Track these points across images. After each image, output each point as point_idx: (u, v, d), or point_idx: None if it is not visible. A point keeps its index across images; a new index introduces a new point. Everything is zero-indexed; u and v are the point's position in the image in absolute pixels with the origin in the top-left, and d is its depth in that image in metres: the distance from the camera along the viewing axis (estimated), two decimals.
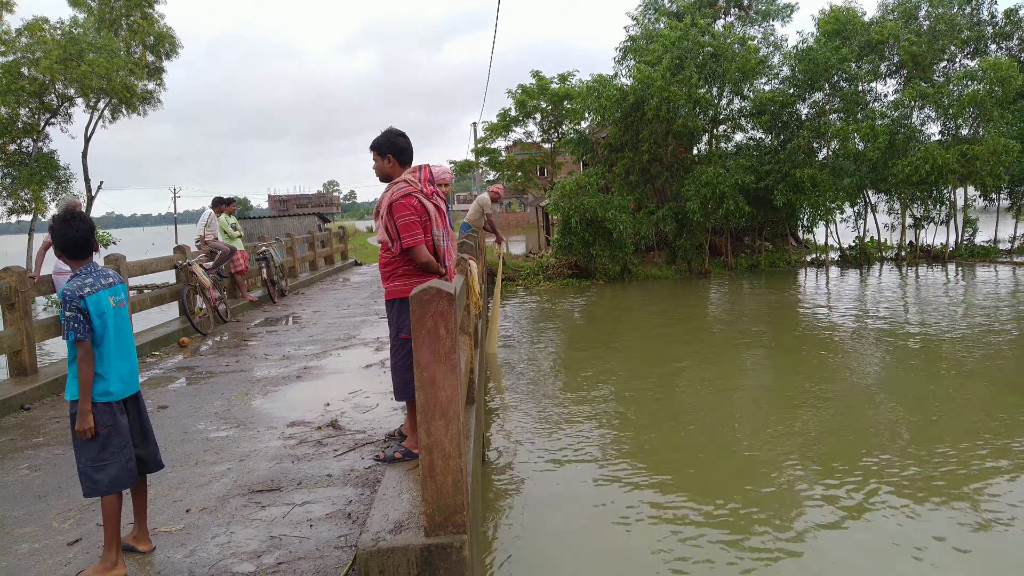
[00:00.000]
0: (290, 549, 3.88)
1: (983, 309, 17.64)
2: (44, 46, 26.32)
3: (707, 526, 6.69)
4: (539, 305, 21.56)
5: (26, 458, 5.63)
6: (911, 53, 26.29)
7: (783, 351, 14.43)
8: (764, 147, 28.17)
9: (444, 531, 3.47)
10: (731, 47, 25.89)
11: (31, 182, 26.87)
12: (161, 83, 31.48)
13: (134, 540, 3.91)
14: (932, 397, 10.56)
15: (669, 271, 26.55)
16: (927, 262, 28.05)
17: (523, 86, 33.23)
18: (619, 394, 11.42)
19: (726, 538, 6.43)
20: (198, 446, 5.75)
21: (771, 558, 6.12)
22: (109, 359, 3.71)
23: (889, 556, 6.10)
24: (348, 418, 6.31)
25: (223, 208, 13.41)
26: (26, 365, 7.91)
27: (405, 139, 4.79)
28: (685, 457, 8.67)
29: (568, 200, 25.00)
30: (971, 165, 24.86)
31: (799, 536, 6.48)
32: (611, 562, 6.20)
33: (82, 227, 3.75)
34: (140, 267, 10.90)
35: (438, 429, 3.41)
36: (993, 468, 7.79)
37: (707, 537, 6.48)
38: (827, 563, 6.05)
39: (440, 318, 3.36)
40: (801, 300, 21.14)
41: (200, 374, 8.51)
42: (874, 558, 6.08)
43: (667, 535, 6.56)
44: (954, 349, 13.47)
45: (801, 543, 6.37)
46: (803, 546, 6.32)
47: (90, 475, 3.67)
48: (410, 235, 4.52)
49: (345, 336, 10.66)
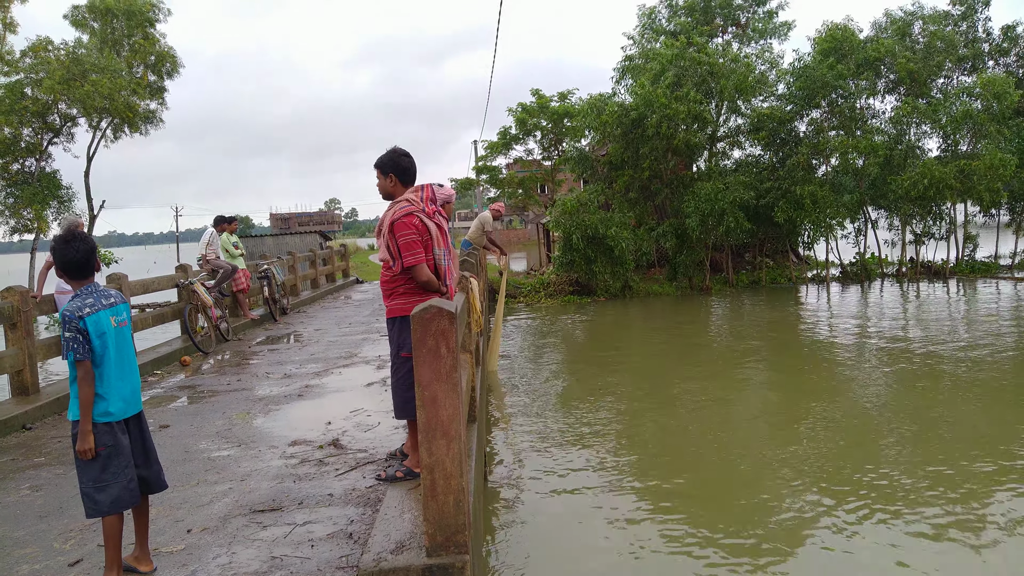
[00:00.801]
0: (291, 570, 3.86)
1: (985, 325, 17.63)
2: (47, 66, 26.53)
3: (712, 546, 6.66)
4: (540, 322, 21.56)
5: (27, 478, 5.62)
6: (908, 70, 26.45)
7: (785, 369, 14.41)
8: (763, 164, 28.28)
9: (446, 551, 3.45)
10: (726, 65, 26.07)
11: (33, 201, 26.99)
12: (163, 102, 31.68)
13: (135, 561, 3.89)
14: (934, 414, 10.54)
15: (670, 288, 26.56)
16: (928, 278, 28.06)
17: (523, 104, 33.42)
18: (621, 412, 11.40)
19: (733, 560, 6.39)
20: (199, 466, 5.74)
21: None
22: (110, 379, 3.71)
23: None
24: (349, 437, 6.30)
25: (225, 227, 13.45)
26: (28, 384, 7.91)
27: (409, 159, 4.82)
28: (689, 475, 8.64)
29: (569, 217, 25.07)
30: (969, 181, 24.94)
31: (805, 555, 6.45)
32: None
33: (83, 247, 3.76)
34: (142, 286, 10.92)
35: (439, 448, 3.41)
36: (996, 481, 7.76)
37: (712, 557, 6.45)
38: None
39: (441, 337, 3.37)
40: (803, 317, 21.12)
41: (202, 393, 8.50)
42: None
43: (671, 555, 6.53)
44: (956, 366, 13.44)
45: (807, 562, 6.34)
46: (809, 564, 6.29)
47: (92, 495, 3.66)
48: (411, 254, 4.54)
49: (346, 354, 10.66)
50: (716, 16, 29.21)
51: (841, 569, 6.21)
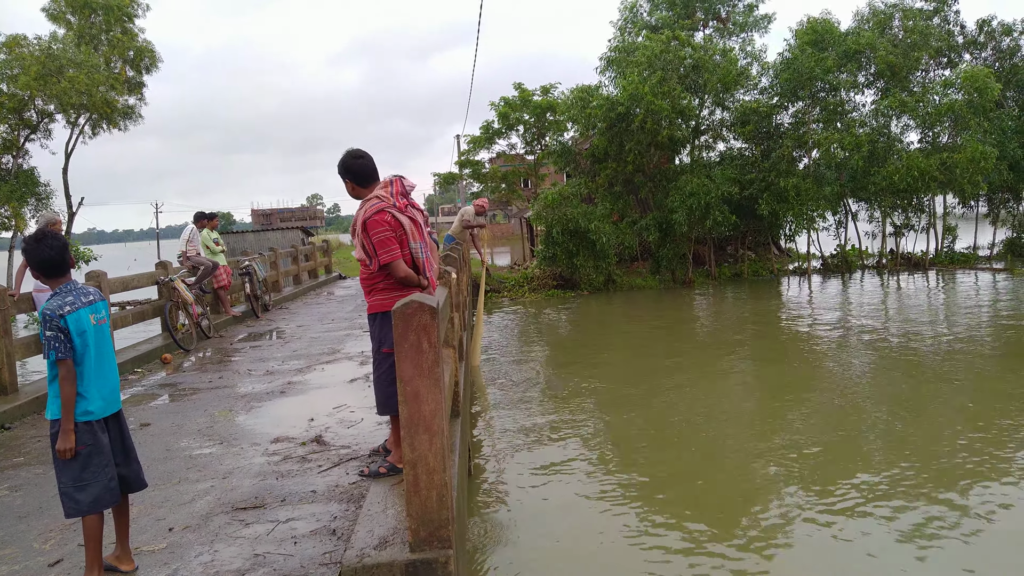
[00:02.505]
0: (274, 567, 3.85)
1: (964, 315, 17.83)
2: (23, 62, 26.17)
3: (698, 540, 6.70)
4: (524, 317, 21.57)
5: (6, 478, 5.57)
6: (888, 63, 26.65)
7: (767, 360, 14.51)
8: (747, 157, 28.41)
9: (429, 546, 3.46)
10: (711, 59, 26.14)
11: (11, 199, 26.64)
12: (142, 98, 31.35)
13: (116, 560, 3.87)
14: (917, 403, 10.65)
15: (653, 281, 26.65)
16: (908, 269, 28.35)
17: (505, 99, 33.37)
18: (605, 405, 11.43)
19: (717, 551, 6.43)
20: (181, 464, 5.70)
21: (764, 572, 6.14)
22: (89, 378, 3.68)
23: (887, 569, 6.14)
24: (332, 433, 6.29)
25: (205, 223, 13.35)
26: (6, 384, 7.83)
27: (360, 160, 4.74)
28: (672, 468, 8.69)
29: (551, 211, 25.07)
30: (951, 173, 25.19)
31: (790, 546, 6.50)
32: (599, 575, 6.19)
33: (55, 244, 3.73)
34: (122, 283, 10.81)
35: (422, 443, 3.41)
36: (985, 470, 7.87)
37: (698, 551, 6.49)
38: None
39: (423, 332, 3.36)
40: (784, 309, 21.27)
41: (183, 391, 8.45)
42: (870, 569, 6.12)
43: (655, 546, 6.57)
44: (936, 355, 13.60)
45: (792, 554, 6.39)
46: (796, 557, 6.35)
47: (71, 495, 3.64)
48: (386, 251, 4.52)
49: (329, 350, 10.62)
50: (696, 10, 29.24)
51: (827, 556, 6.28)
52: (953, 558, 6.13)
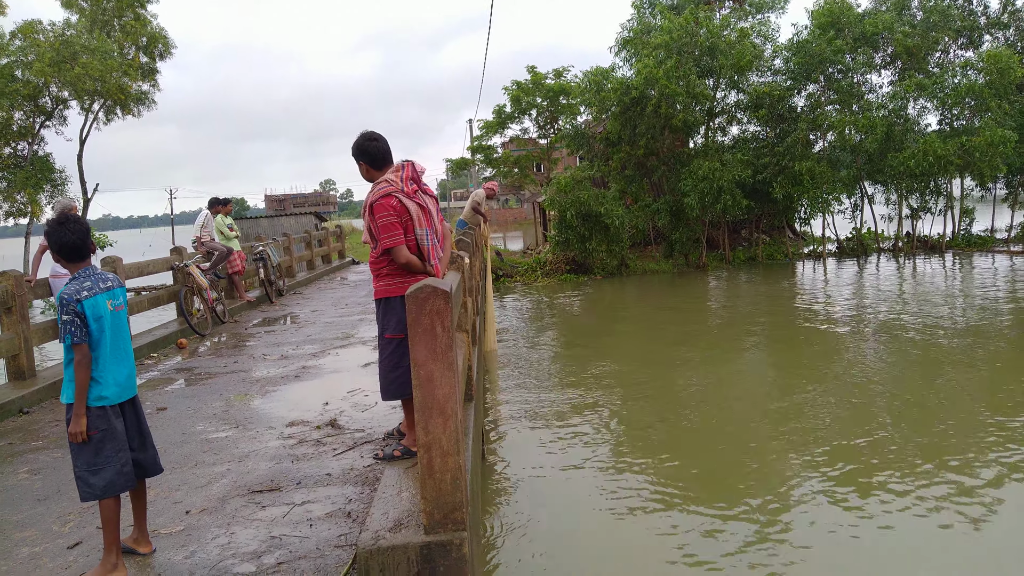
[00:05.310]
0: (290, 549, 3.88)
1: (981, 298, 17.66)
2: (37, 48, 26.28)
3: (712, 526, 6.70)
4: (537, 301, 21.56)
5: (25, 462, 5.62)
6: (905, 45, 26.28)
7: (782, 345, 14.44)
8: (761, 140, 28.16)
9: (444, 529, 3.46)
10: (728, 40, 25.88)
11: (27, 185, 26.86)
12: (155, 84, 31.46)
13: (134, 542, 3.90)
14: (933, 389, 10.58)
15: (667, 265, 26.54)
16: (924, 252, 28.08)
17: (518, 82, 33.18)
18: (618, 390, 11.43)
19: (733, 537, 6.43)
20: (197, 447, 5.74)
21: (782, 560, 6.13)
22: (105, 363, 3.70)
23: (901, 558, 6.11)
24: (347, 417, 6.31)
25: (219, 209, 13.37)
26: (24, 369, 7.90)
27: (375, 143, 4.73)
28: (687, 452, 8.68)
29: (564, 195, 24.99)
30: (969, 156, 24.87)
31: (805, 534, 6.49)
32: (613, 559, 6.21)
33: (78, 229, 3.73)
34: (137, 269, 10.87)
35: (436, 427, 3.40)
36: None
37: (713, 537, 6.49)
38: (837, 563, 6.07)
39: (436, 316, 3.35)
40: (800, 293, 21.15)
41: (199, 375, 8.50)
42: (880, 559, 6.10)
43: (670, 532, 6.57)
44: (951, 338, 13.49)
45: (807, 541, 6.38)
46: (811, 543, 6.34)
47: (86, 479, 3.66)
48: (388, 236, 4.50)
49: (343, 335, 10.65)
50: None
51: (833, 537, 6.27)
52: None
